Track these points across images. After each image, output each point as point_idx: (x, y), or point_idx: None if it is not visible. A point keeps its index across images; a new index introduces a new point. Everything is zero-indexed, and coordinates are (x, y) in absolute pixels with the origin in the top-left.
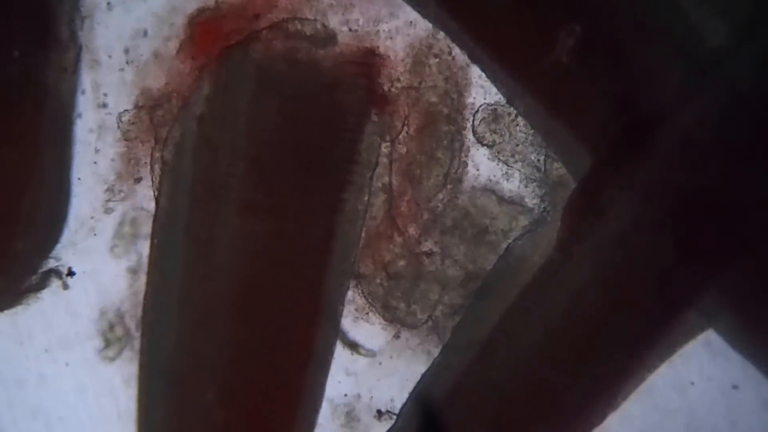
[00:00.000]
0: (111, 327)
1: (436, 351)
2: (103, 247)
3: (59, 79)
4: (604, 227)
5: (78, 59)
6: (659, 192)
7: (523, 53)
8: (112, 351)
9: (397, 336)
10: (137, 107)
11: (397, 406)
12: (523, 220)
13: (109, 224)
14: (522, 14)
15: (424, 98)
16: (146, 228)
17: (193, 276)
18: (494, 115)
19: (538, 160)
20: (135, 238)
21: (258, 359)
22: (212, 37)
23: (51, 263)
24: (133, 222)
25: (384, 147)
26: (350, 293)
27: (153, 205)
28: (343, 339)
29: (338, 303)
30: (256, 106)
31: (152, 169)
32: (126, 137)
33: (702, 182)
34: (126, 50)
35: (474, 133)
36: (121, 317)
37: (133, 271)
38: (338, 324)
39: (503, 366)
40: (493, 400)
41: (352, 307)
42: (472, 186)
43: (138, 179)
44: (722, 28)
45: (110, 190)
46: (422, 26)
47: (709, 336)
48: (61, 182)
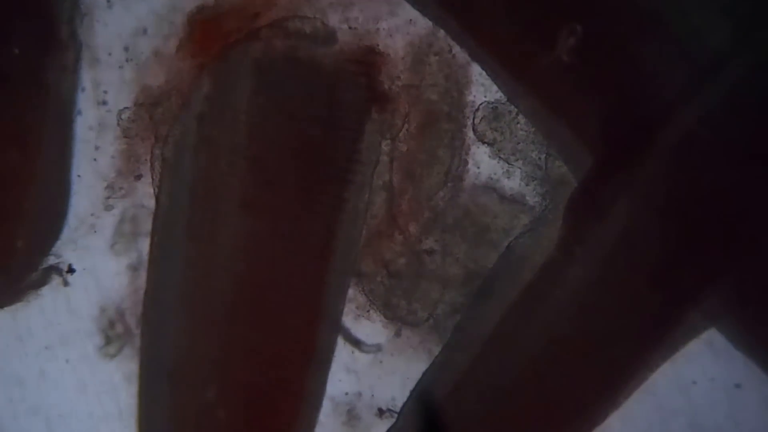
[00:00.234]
0: (111, 324)
1: (437, 349)
2: (103, 245)
3: (59, 77)
4: (606, 226)
5: (78, 57)
6: (661, 191)
7: (523, 52)
8: (112, 348)
9: (398, 334)
10: (137, 105)
11: (398, 404)
12: (524, 219)
13: (109, 221)
14: (522, 13)
15: (424, 96)
16: (146, 225)
17: (194, 274)
18: (495, 113)
19: (539, 158)
20: (135, 235)
21: (258, 357)
22: (212, 36)
23: (51, 260)
24: (134, 219)
25: (384, 145)
26: (351, 291)
27: (153, 202)
28: (347, 337)
29: (339, 301)
30: (256, 105)
31: (152, 166)
32: (126, 135)
33: (703, 182)
34: (126, 48)
35: (474, 131)
36: (121, 314)
37: (134, 269)
38: (339, 322)
39: (504, 365)
40: (494, 398)
41: (353, 306)
42: (473, 184)
43: (138, 176)
44: (723, 28)
45: (110, 187)
46: (422, 24)
47: (712, 335)
48: (62, 179)
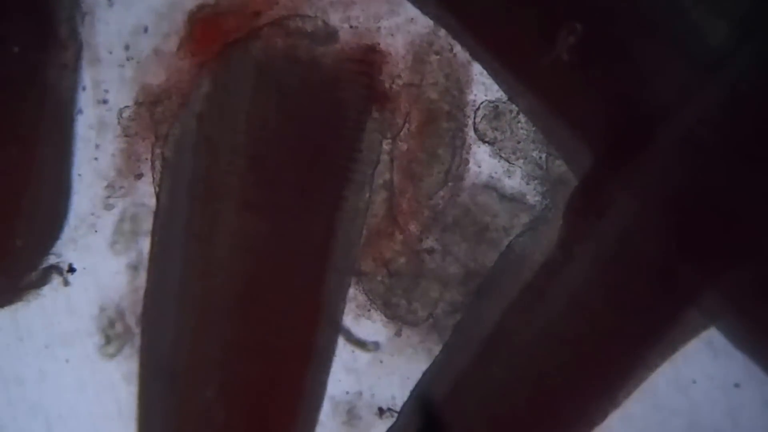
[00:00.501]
0: (111, 324)
1: (437, 349)
2: (103, 244)
3: (60, 76)
4: (606, 226)
5: (78, 56)
6: (661, 190)
7: (524, 51)
8: (112, 348)
9: (398, 334)
10: (137, 104)
11: (399, 403)
12: (525, 218)
13: (109, 221)
14: (523, 12)
15: (425, 95)
16: (147, 224)
17: (194, 273)
18: (495, 113)
19: (540, 157)
20: (135, 234)
21: (258, 357)
22: (212, 35)
23: (51, 260)
24: (134, 218)
25: (385, 144)
26: (351, 291)
27: (153, 201)
28: (348, 338)
29: (339, 300)
30: (257, 104)
31: (153, 165)
32: (126, 133)
33: (703, 181)
34: (126, 47)
35: (475, 130)
36: (121, 314)
37: (134, 268)
38: (339, 322)
39: (504, 364)
40: (494, 398)
41: (353, 305)
42: (473, 183)
43: (138, 175)
44: (723, 27)
45: (110, 186)
46: (423, 23)
47: (711, 334)
48: (62, 179)
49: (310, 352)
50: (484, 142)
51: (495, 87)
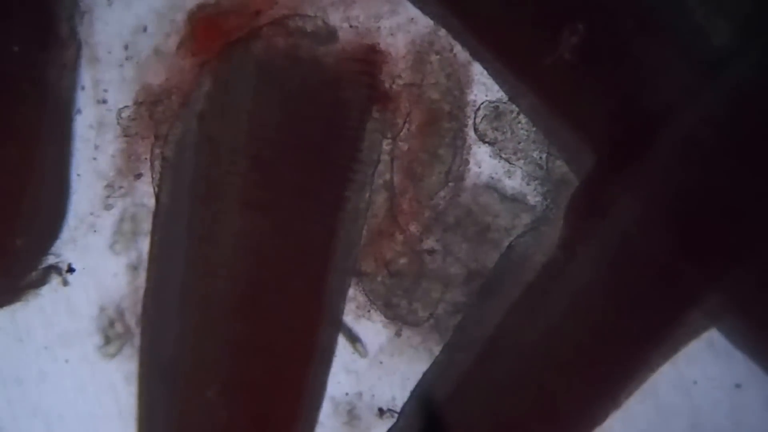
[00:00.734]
0: (111, 324)
1: (437, 349)
2: (103, 244)
3: (59, 76)
4: (608, 226)
5: (78, 55)
6: (663, 191)
7: (525, 51)
8: (112, 348)
9: (398, 334)
10: (137, 103)
11: (399, 404)
12: (526, 218)
13: (109, 221)
14: (524, 11)
15: (425, 95)
16: (146, 224)
17: (194, 273)
18: (496, 113)
19: (540, 157)
20: (135, 234)
21: (259, 357)
22: (213, 34)
23: (51, 259)
24: (133, 218)
25: (385, 144)
26: (352, 291)
27: (153, 201)
28: (344, 332)
29: (340, 301)
30: (257, 103)
31: (152, 165)
32: (126, 133)
33: (705, 181)
34: (126, 46)
35: (476, 130)
36: (121, 314)
37: (133, 268)
38: (340, 322)
39: (505, 364)
40: (495, 398)
41: (353, 305)
42: (474, 183)
43: (138, 175)
44: (726, 27)
45: (110, 186)
46: (423, 23)
47: (713, 335)
48: (61, 178)
49: (311, 352)
50: (484, 142)
51: (496, 87)
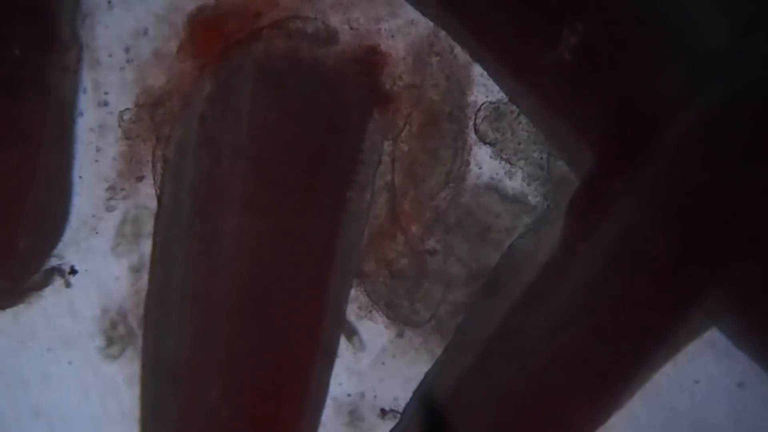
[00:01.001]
0: (113, 325)
1: (439, 350)
2: (105, 246)
3: (60, 78)
4: (608, 226)
5: (79, 58)
6: (663, 191)
7: (525, 51)
8: (114, 350)
9: (400, 335)
10: (138, 106)
11: (401, 404)
12: (527, 219)
13: (111, 223)
14: (524, 12)
15: (426, 97)
16: (148, 226)
17: (196, 275)
18: (496, 113)
19: (541, 158)
20: (137, 236)
21: (261, 358)
22: (213, 36)
23: (53, 262)
24: (135, 220)
25: (386, 145)
26: (353, 292)
27: (155, 203)
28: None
29: (342, 301)
30: (258, 105)
31: (154, 167)
32: (127, 136)
33: (706, 180)
34: (127, 49)
35: (476, 131)
36: (123, 316)
37: (136, 270)
38: (342, 323)
39: (507, 365)
40: (497, 398)
41: (355, 306)
42: (475, 184)
43: (140, 177)
44: (725, 27)
45: (112, 188)
46: (423, 25)
47: (714, 335)
48: (63, 181)
49: (313, 353)
50: (485, 143)
51: (496, 88)
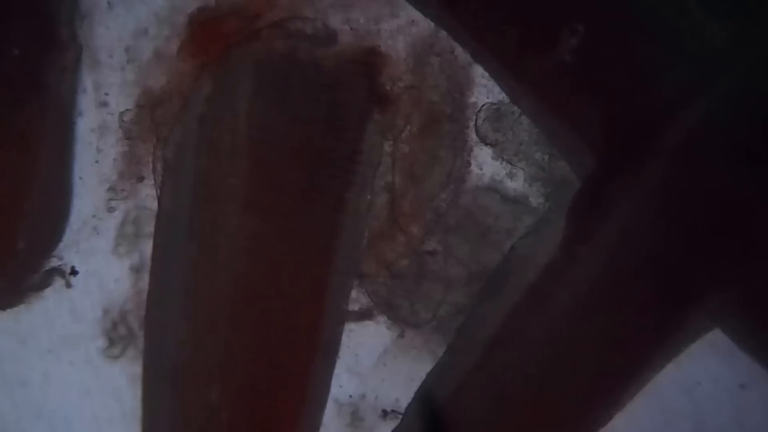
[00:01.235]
0: (114, 326)
1: (440, 351)
2: (105, 246)
3: (60, 79)
4: (609, 227)
5: (79, 59)
6: (664, 192)
7: (525, 52)
8: (115, 350)
9: (401, 336)
10: (138, 106)
11: (402, 405)
12: (527, 220)
13: (111, 223)
14: (524, 13)
15: (426, 97)
16: (149, 227)
17: (197, 275)
18: (497, 114)
19: (542, 159)
20: (138, 237)
21: (262, 359)
22: (213, 37)
23: (54, 262)
24: (136, 221)
25: (386, 146)
26: (354, 293)
27: (155, 204)
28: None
29: (342, 302)
30: (257, 106)
31: (154, 168)
32: (127, 136)
33: (706, 182)
34: (127, 50)
35: (477, 132)
36: (124, 316)
37: (136, 270)
38: (342, 323)
39: (508, 365)
40: (497, 399)
41: (355, 307)
42: (476, 185)
43: (140, 178)
44: (725, 27)
45: (112, 189)
46: (424, 25)
47: (716, 336)
48: (63, 181)
49: (313, 353)
50: (486, 144)
51: (496, 89)
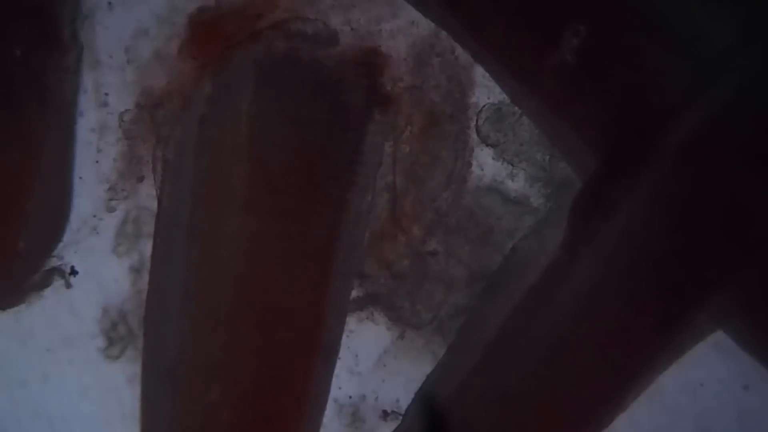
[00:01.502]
0: (114, 326)
1: (441, 351)
2: (105, 246)
3: (61, 79)
4: (611, 228)
5: (79, 59)
6: (665, 193)
7: (527, 53)
8: (115, 350)
9: (401, 336)
10: (138, 107)
11: (403, 406)
12: (528, 220)
13: (111, 223)
14: (526, 13)
15: (427, 98)
16: (149, 227)
17: (197, 275)
18: (498, 115)
19: (543, 159)
20: (138, 237)
21: (262, 359)
22: (213, 37)
23: (53, 262)
24: (136, 221)
25: (387, 147)
26: (355, 293)
27: (155, 204)
28: None
29: (343, 303)
30: (258, 106)
31: (154, 168)
32: (128, 136)
33: (708, 183)
34: (127, 50)
35: (478, 132)
36: (124, 316)
37: (136, 270)
38: (343, 324)
39: (509, 366)
40: (498, 400)
41: (356, 307)
42: (477, 186)
43: (140, 178)
44: (728, 28)
45: (112, 189)
46: (424, 26)
47: (719, 337)
48: (63, 181)
49: (313, 354)
50: (487, 144)
51: (497, 89)
